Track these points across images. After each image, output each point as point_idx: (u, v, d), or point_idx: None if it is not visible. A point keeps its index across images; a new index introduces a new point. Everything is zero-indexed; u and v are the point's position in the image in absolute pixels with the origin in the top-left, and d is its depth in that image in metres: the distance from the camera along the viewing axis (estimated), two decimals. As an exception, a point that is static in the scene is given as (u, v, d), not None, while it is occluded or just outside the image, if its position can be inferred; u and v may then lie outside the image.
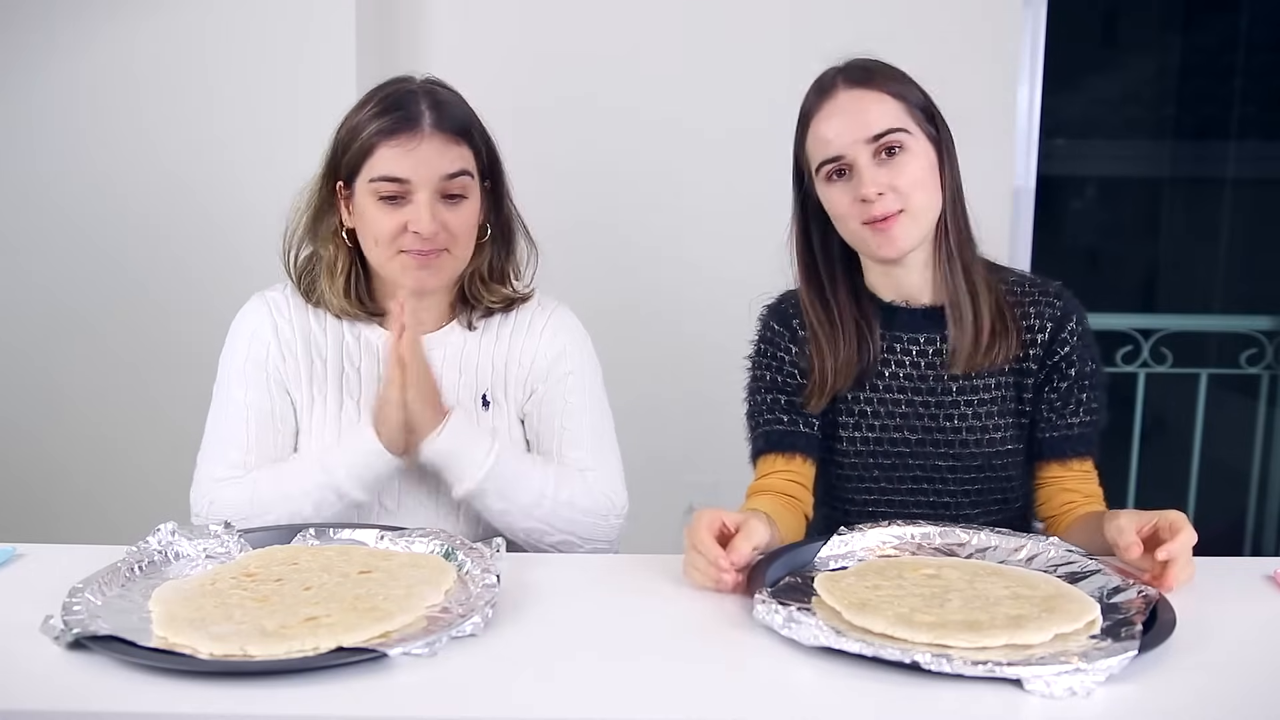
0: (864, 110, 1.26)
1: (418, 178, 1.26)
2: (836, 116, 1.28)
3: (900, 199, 1.26)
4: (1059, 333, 1.33)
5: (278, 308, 1.37)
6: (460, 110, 1.32)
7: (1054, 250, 3.68)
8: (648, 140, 2.49)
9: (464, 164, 1.29)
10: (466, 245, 1.33)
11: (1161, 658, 0.87)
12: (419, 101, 1.29)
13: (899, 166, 1.26)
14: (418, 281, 1.31)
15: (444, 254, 1.30)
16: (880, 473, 1.38)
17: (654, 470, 2.49)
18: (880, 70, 1.30)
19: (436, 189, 1.27)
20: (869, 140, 1.25)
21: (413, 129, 1.27)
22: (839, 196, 1.29)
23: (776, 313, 1.43)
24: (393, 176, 1.26)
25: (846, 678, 0.85)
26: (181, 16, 2.26)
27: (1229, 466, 3.04)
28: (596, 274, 2.47)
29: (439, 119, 1.28)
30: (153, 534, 1.10)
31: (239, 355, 1.35)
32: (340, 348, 1.37)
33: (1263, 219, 3.86)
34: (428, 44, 2.46)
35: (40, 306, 2.37)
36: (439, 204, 1.28)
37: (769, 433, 1.39)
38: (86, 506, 2.40)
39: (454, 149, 1.29)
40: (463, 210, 1.30)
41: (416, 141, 1.26)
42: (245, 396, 1.33)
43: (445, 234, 1.28)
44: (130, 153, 2.31)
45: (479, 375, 1.39)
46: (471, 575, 1.03)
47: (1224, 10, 3.89)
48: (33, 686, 0.84)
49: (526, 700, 0.83)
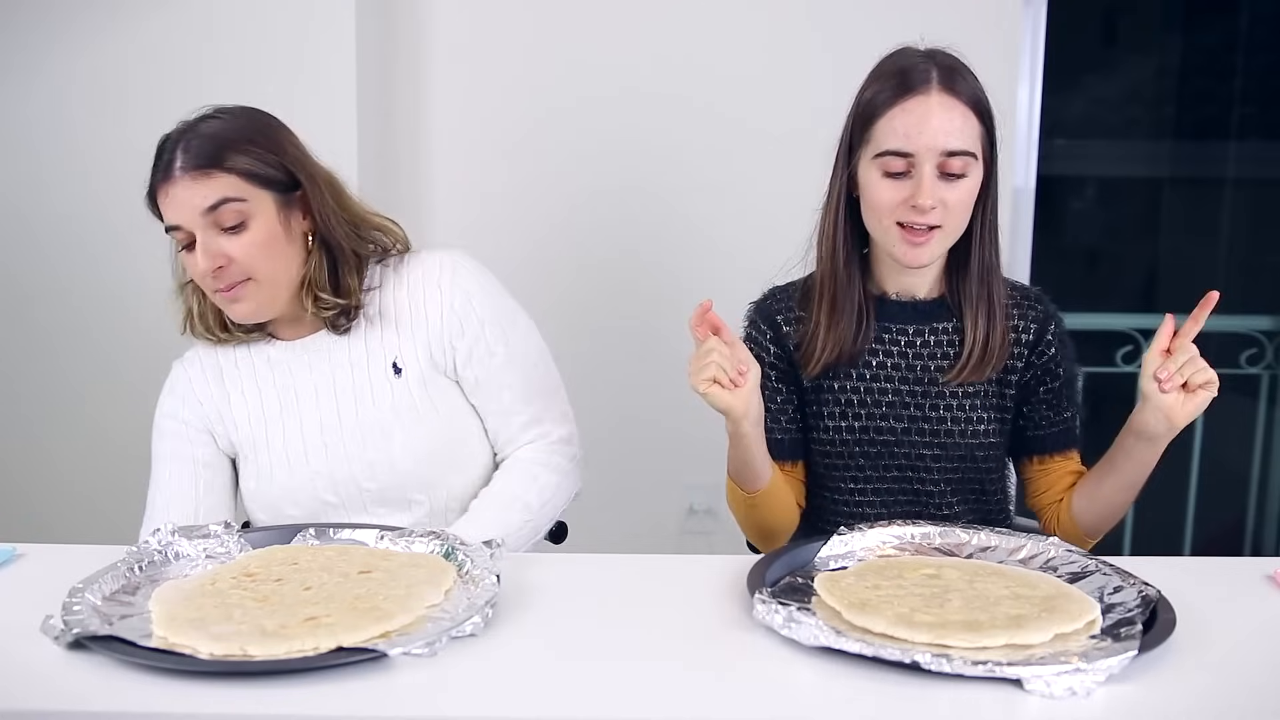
0: (951, 120, 1.24)
1: (183, 222, 1.28)
2: (923, 116, 1.24)
3: (943, 216, 1.26)
4: (1044, 335, 1.38)
5: (189, 363, 1.46)
6: (213, 140, 1.29)
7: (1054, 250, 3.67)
8: (649, 140, 2.49)
9: (221, 193, 1.27)
10: (267, 265, 1.31)
11: (1161, 658, 0.87)
12: (172, 148, 1.29)
13: (955, 187, 1.26)
14: (237, 315, 1.35)
15: (247, 283, 1.31)
16: (865, 460, 1.39)
17: (654, 470, 2.50)
18: (972, 82, 1.28)
19: (206, 226, 1.27)
20: (943, 153, 1.24)
21: (166, 178, 1.28)
22: (887, 190, 1.27)
23: (762, 310, 1.44)
24: (169, 225, 1.31)
25: (846, 678, 0.85)
26: (181, 17, 2.25)
27: (1229, 466, 3.04)
28: (597, 274, 2.47)
29: (185, 159, 1.27)
30: (153, 534, 1.10)
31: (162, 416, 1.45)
32: (253, 372, 1.42)
33: (1263, 219, 3.86)
34: (428, 44, 2.46)
35: (40, 306, 2.37)
36: (218, 238, 1.28)
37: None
38: (86, 506, 2.39)
39: (205, 183, 1.27)
40: (244, 235, 1.29)
41: (169, 188, 1.28)
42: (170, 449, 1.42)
43: (235, 265, 1.29)
44: (129, 153, 2.29)
45: (385, 346, 1.40)
46: (471, 575, 1.03)
47: (1224, 10, 3.88)
48: (33, 686, 0.84)
49: (526, 700, 0.83)
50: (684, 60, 2.43)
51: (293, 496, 1.39)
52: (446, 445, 1.40)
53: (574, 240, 2.47)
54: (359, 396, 1.39)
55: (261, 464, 1.40)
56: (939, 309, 1.38)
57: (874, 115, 1.28)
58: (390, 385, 1.39)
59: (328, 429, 1.39)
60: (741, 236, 2.48)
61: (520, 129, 2.46)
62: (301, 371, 1.41)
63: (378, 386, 1.39)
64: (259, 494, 1.41)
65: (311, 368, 1.41)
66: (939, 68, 1.27)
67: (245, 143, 1.30)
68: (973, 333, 1.34)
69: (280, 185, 1.32)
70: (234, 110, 1.35)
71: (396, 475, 1.37)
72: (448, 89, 2.45)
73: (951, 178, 1.25)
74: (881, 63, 1.32)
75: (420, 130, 2.46)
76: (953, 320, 1.37)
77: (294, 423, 1.40)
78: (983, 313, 1.34)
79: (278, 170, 1.32)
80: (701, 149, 2.47)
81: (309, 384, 1.40)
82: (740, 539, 1.65)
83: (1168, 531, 2.98)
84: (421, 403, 1.39)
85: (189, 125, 1.32)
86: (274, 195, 1.31)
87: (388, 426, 1.38)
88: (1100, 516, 1.34)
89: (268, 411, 1.41)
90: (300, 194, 1.34)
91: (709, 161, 2.48)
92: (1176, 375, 1.16)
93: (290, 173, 1.33)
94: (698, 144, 2.47)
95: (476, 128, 2.44)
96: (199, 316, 1.42)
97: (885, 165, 1.26)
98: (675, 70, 2.43)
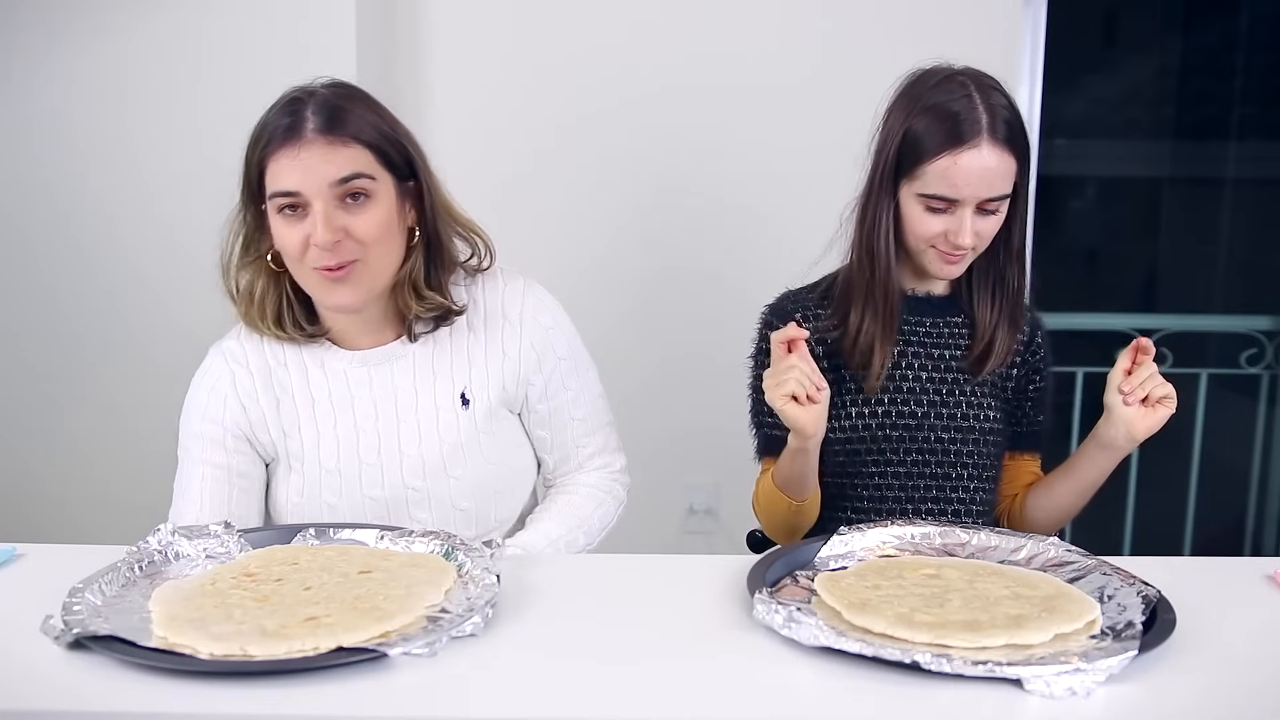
0: (994, 170, 1.29)
1: (305, 189, 1.20)
2: (974, 169, 1.28)
3: (977, 242, 1.33)
4: (1035, 336, 1.47)
5: (233, 356, 1.33)
6: (349, 111, 1.23)
7: (1054, 250, 3.68)
8: (650, 140, 2.49)
9: (355, 166, 1.21)
10: (379, 249, 1.24)
11: (1161, 658, 0.87)
12: (300, 108, 1.22)
13: (990, 219, 1.32)
14: (336, 300, 1.26)
15: (356, 265, 1.23)
16: (888, 445, 1.41)
17: (654, 470, 2.50)
18: (1017, 123, 1.31)
19: (330, 197, 1.20)
20: (985, 199, 1.30)
21: (293, 138, 1.20)
22: (931, 222, 1.32)
23: (779, 311, 1.45)
24: (283, 190, 1.21)
25: (846, 678, 0.85)
26: (180, 17, 2.25)
27: (1229, 466, 3.04)
28: (597, 274, 2.47)
29: (319, 122, 1.20)
30: (153, 534, 1.10)
31: (195, 415, 1.33)
32: (305, 378, 1.33)
33: (1263, 219, 3.86)
34: (428, 44, 2.46)
35: (40, 307, 2.37)
36: (340, 211, 1.21)
37: (770, 436, 1.44)
38: (86, 506, 2.40)
39: (341, 151, 1.20)
40: (367, 213, 1.22)
41: (296, 149, 1.20)
42: (203, 455, 1.32)
43: (350, 242, 1.21)
44: (128, 153, 2.31)
45: (455, 373, 1.35)
46: (471, 575, 1.02)
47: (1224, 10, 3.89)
48: (33, 686, 0.84)
49: (526, 700, 0.83)
50: (684, 60, 2.43)
51: (337, 515, 1.31)
52: (498, 478, 1.37)
53: (573, 240, 2.47)
54: (422, 422, 1.33)
55: (309, 479, 1.32)
56: (951, 304, 1.44)
57: (923, 155, 1.30)
58: (456, 416, 1.33)
59: (386, 452, 1.32)
60: (742, 237, 2.48)
61: (520, 128, 2.45)
62: (361, 385, 1.33)
63: (444, 416, 1.33)
64: (302, 509, 1.33)
65: (373, 383, 1.33)
66: (989, 112, 1.29)
67: (379, 120, 1.25)
68: (985, 326, 1.41)
69: (400, 172, 1.27)
70: (353, 86, 1.29)
71: (446, 509, 1.34)
72: (448, 89, 2.45)
73: (988, 213, 1.32)
74: (927, 92, 1.32)
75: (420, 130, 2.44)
76: (962, 315, 1.44)
77: (349, 441, 1.32)
78: (994, 308, 1.41)
79: (401, 156, 1.27)
80: (704, 149, 2.47)
81: (368, 400, 1.32)
82: (740, 539, 1.66)
83: (1168, 531, 2.98)
84: (484, 436, 1.35)
85: (315, 90, 1.24)
86: (395, 180, 1.26)
87: (449, 459, 1.33)
88: (1050, 517, 1.44)
89: (320, 424, 1.32)
90: (414, 185, 1.30)
91: (710, 162, 2.48)
92: (1139, 389, 1.28)
93: (410, 162, 1.28)
94: (699, 144, 2.47)
95: (477, 127, 2.44)
96: (262, 300, 1.30)
97: (929, 203, 1.32)
98: (676, 70, 2.43)
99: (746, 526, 1.61)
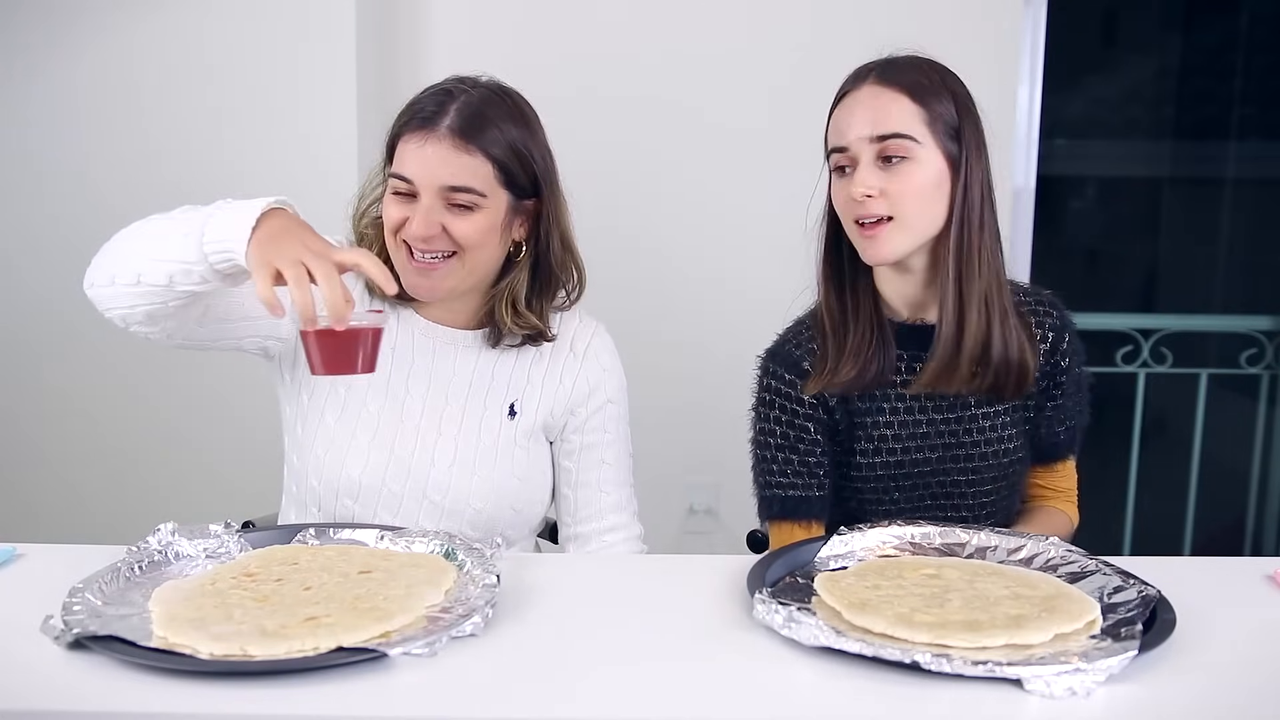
0: (879, 108, 1.23)
1: (418, 180, 1.24)
2: (854, 108, 1.25)
3: (889, 205, 1.23)
4: (1060, 343, 1.37)
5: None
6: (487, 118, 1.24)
7: (1054, 250, 3.68)
8: (651, 140, 2.49)
9: (470, 180, 1.23)
10: (473, 255, 1.27)
11: (1161, 658, 0.87)
12: (445, 101, 1.25)
13: (897, 173, 1.23)
14: (422, 290, 1.29)
15: (451, 258, 1.26)
16: (900, 494, 1.36)
17: (655, 471, 2.50)
18: (914, 71, 1.25)
19: (437, 197, 1.24)
20: (873, 139, 1.23)
21: (427, 128, 1.23)
22: (838, 190, 1.28)
23: (780, 356, 1.36)
24: (400, 174, 1.25)
25: (846, 678, 0.85)
26: (180, 17, 2.26)
27: (1229, 466, 3.04)
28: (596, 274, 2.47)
29: (457, 120, 1.23)
30: (153, 534, 1.10)
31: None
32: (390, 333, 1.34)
33: (1263, 219, 3.86)
34: (428, 44, 2.46)
35: (39, 306, 2.37)
36: (443, 211, 1.24)
37: (783, 498, 1.36)
38: (86, 506, 2.40)
39: (463, 157, 1.23)
40: (468, 220, 1.25)
41: (425, 140, 1.23)
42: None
43: (444, 238, 1.25)
44: (128, 153, 2.31)
45: (511, 383, 1.37)
46: (471, 575, 1.02)
47: (1224, 10, 3.89)
48: (33, 686, 0.84)
49: (526, 700, 0.83)
50: (685, 59, 2.43)
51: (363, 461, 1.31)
52: (517, 494, 1.37)
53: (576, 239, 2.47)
54: (468, 413, 1.35)
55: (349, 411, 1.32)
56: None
57: (829, 116, 1.30)
58: (500, 422, 1.36)
59: (426, 422, 1.33)
60: (743, 238, 2.48)
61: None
62: (425, 355, 1.35)
63: (489, 417, 1.36)
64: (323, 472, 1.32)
65: (436, 357, 1.36)
66: (880, 64, 1.27)
67: (514, 135, 1.27)
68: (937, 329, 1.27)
69: (520, 190, 1.29)
70: (510, 92, 1.31)
71: (460, 501, 1.34)
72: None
73: (890, 163, 1.23)
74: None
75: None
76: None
77: (397, 396, 1.33)
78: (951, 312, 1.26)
79: (526, 176, 1.29)
80: (705, 149, 2.47)
81: (425, 370, 1.35)
82: (740, 539, 1.66)
83: (1168, 531, 2.98)
84: (519, 451, 1.37)
85: (470, 88, 1.27)
86: (510, 197, 1.28)
87: (480, 457, 1.35)
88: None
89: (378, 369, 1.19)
90: (533, 203, 1.32)
91: (710, 162, 2.48)
92: None
93: (535, 181, 1.31)
94: (700, 144, 2.47)
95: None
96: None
97: (835, 164, 1.28)
98: (676, 69, 2.44)
99: (746, 526, 1.61)
